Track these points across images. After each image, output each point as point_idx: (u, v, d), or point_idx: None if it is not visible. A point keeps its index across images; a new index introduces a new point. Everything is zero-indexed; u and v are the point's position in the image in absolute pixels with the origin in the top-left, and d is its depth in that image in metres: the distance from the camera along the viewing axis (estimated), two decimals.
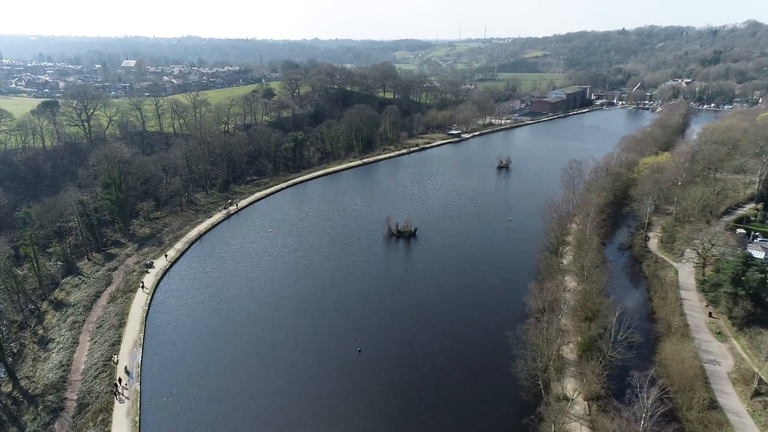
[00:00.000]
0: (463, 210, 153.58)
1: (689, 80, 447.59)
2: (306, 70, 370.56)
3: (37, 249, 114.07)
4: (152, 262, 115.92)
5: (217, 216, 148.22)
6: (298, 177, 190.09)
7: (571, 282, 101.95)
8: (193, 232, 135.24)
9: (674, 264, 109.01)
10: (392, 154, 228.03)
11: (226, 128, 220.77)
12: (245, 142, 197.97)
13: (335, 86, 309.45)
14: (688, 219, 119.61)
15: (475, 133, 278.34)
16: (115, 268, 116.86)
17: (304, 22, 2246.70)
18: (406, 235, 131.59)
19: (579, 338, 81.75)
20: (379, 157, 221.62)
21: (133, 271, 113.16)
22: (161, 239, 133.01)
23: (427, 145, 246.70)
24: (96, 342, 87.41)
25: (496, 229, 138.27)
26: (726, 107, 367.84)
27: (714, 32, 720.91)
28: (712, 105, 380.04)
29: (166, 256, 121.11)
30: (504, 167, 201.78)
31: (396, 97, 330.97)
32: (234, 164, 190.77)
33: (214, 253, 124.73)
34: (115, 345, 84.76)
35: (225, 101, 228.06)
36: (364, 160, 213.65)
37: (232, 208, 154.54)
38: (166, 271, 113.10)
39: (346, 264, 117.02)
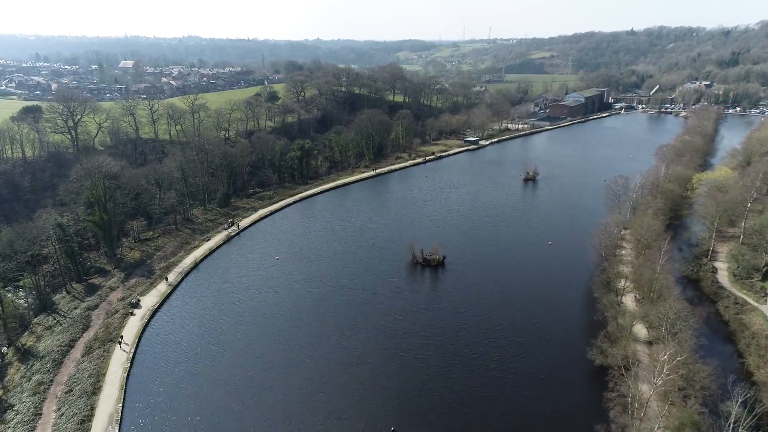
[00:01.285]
0: (493, 231, 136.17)
1: (708, 83, 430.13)
2: (310, 71, 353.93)
3: (1, 285, 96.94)
4: (138, 301, 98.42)
5: (216, 239, 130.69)
6: (305, 190, 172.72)
7: (641, 330, 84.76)
8: (188, 260, 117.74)
9: (759, 306, 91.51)
10: (406, 163, 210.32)
11: (226, 135, 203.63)
12: (247, 151, 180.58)
13: (342, 89, 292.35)
14: (765, 247, 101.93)
15: (492, 140, 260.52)
16: (96, 306, 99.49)
17: (306, 22, 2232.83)
18: (433, 264, 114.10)
19: (670, 411, 64.52)
20: (392, 167, 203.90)
21: (116, 311, 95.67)
22: (152, 267, 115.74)
23: (444, 153, 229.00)
24: (63, 414, 69.89)
25: (536, 255, 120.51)
26: (753, 111, 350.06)
27: (726, 33, 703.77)
28: (738, 109, 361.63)
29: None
30: (531, 179, 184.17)
31: (406, 100, 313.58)
32: (235, 176, 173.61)
33: (211, 287, 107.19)
34: (86, 422, 67.22)
35: (225, 106, 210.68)
36: (377, 171, 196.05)
37: (233, 229, 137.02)
38: (154, 312, 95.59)
39: (365, 301, 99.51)
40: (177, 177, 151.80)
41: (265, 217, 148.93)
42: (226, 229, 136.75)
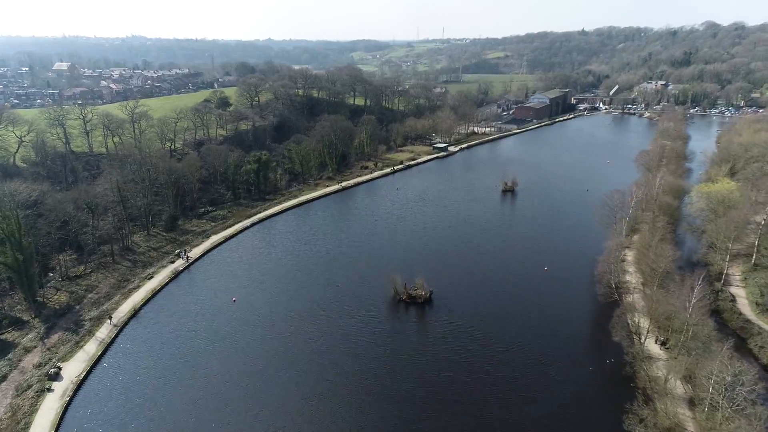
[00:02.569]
0: (479, 255, 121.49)
1: (664, 82, 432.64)
2: (264, 73, 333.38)
3: None
4: (59, 370, 78.09)
5: (161, 276, 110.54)
6: (264, 209, 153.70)
7: (676, 385, 71.52)
8: (125, 307, 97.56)
9: None
10: (374, 174, 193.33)
11: (172, 147, 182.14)
12: (197, 165, 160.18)
13: (300, 92, 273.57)
14: None
15: (461, 145, 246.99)
16: (4, 377, 78.58)
17: (257, 22, 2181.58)
18: (419, 302, 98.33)
19: None
20: (359, 179, 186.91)
21: (29, 386, 75.30)
22: (80, 317, 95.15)
23: (413, 162, 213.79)
24: None
25: (532, 285, 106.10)
26: (713, 111, 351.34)
27: (673, 33, 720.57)
28: (697, 109, 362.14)
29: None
30: (510, 191, 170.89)
31: (368, 103, 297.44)
32: (183, 194, 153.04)
33: (152, 341, 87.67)
34: None
35: (171, 114, 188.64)
36: (343, 185, 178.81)
37: (180, 262, 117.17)
38: (79, 385, 75.85)
39: (343, 351, 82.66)
40: (113, 199, 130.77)
41: (219, 244, 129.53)
42: (173, 262, 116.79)
